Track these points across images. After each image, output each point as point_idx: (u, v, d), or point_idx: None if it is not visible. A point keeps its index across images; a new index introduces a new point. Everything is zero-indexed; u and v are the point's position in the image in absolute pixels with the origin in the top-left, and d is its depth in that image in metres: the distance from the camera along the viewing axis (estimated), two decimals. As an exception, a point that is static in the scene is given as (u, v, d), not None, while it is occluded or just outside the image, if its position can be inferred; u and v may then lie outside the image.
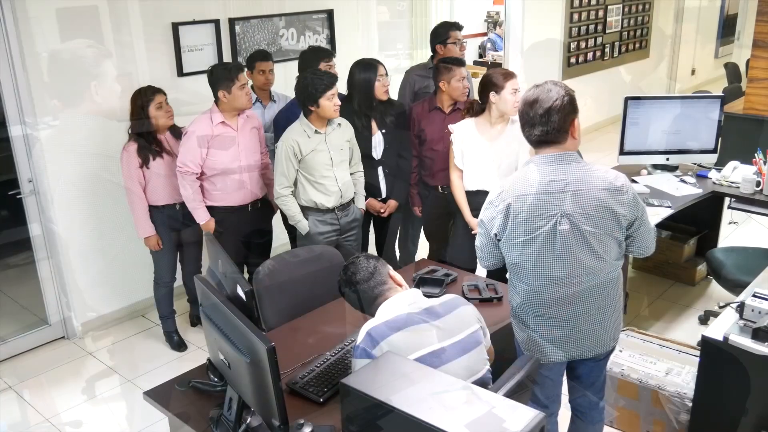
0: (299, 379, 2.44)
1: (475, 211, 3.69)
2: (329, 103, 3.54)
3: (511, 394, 2.06)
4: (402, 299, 2.26)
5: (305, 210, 3.74)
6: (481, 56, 10.95)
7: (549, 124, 2.36)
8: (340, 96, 3.68)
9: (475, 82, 4.73)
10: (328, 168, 3.68)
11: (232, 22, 4.81)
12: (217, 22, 4.70)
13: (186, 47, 4.56)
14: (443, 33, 4.54)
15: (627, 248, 2.52)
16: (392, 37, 6.08)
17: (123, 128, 4.27)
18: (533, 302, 2.50)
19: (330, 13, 5.43)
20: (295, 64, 4.39)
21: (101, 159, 4.26)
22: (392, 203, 4.13)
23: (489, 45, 10.74)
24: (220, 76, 3.71)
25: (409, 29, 6.42)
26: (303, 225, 3.73)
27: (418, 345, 2.12)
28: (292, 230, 4.07)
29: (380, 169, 4.04)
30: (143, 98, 3.82)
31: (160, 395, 2.47)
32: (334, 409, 2.27)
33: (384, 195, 4.11)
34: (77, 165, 4.20)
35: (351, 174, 3.84)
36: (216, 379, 2.44)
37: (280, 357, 2.00)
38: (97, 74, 4.17)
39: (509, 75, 3.62)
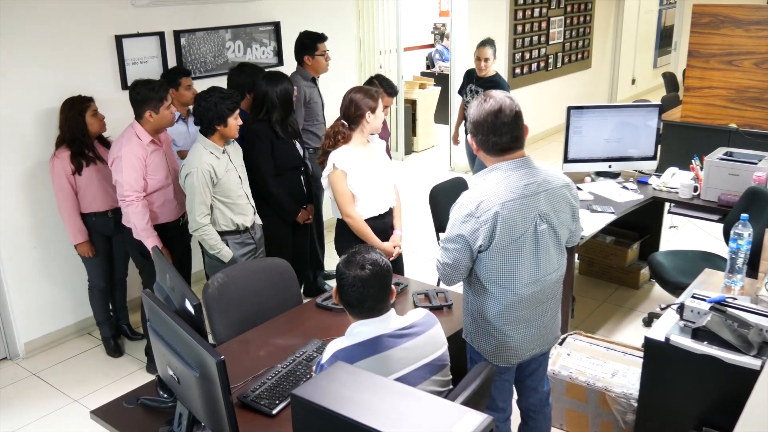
0: (250, 392, 2.42)
1: (385, 233, 3.67)
2: (235, 122, 3.56)
3: (468, 402, 2.08)
4: (379, 320, 2.19)
5: (222, 236, 3.63)
6: (428, 67, 11.11)
7: (518, 129, 2.44)
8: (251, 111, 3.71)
9: (422, 93, 4.79)
10: (239, 186, 3.66)
11: (177, 34, 4.76)
12: (162, 35, 4.65)
13: (130, 60, 4.49)
14: (310, 44, 4.53)
15: (568, 239, 2.64)
16: (339, 49, 6.10)
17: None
18: (515, 306, 2.49)
19: (277, 26, 5.42)
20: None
21: (40, 169, 4.15)
22: (311, 206, 4.21)
23: (437, 56, 10.91)
24: (148, 96, 3.66)
25: (356, 41, 6.46)
26: (226, 252, 3.61)
27: (384, 372, 2.08)
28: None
29: (302, 177, 4.07)
30: (79, 106, 3.85)
31: (108, 414, 2.42)
32: (286, 422, 2.26)
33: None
34: (14, 177, 4.09)
35: None
36: (165, 395, 2.41)
37: (231, 370, 1.99)
38: (36, 87, 4.07)
39: (376, 93, 3.51)
